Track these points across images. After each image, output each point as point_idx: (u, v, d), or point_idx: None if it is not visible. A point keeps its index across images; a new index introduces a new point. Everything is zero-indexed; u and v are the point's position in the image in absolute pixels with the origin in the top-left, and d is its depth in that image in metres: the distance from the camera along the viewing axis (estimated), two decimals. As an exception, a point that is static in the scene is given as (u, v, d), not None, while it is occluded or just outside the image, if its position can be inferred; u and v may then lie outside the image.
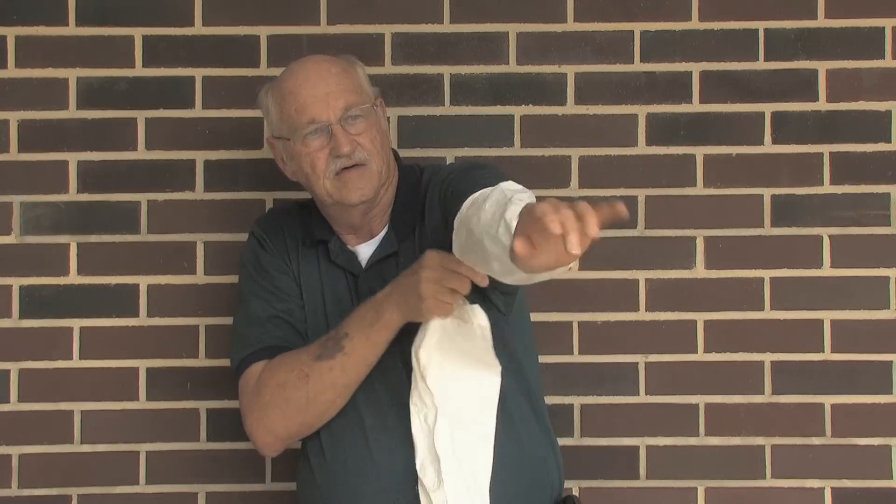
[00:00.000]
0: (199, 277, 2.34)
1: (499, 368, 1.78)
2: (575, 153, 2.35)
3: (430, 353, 1.76)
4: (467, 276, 1.71)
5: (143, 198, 2.34)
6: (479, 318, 1.75)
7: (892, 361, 2.33)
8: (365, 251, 1.96)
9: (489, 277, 1.69)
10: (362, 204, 1.89)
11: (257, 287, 1.98)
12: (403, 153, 2.10)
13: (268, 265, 1.99)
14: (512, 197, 1.55)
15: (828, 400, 2.33)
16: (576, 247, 1.29)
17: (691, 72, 2.36)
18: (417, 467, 1.77)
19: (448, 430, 1.77)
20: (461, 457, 1.77)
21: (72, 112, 2.35)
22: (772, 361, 2.33)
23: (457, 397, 1.78)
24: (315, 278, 1.97)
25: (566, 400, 2.33)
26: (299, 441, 2.06)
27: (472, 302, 1.76)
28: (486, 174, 1.83)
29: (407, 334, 1.81)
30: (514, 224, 1.45)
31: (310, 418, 1.86)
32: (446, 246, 1.76)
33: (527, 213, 1.40)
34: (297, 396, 1.84)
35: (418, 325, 1.78)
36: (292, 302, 1.96)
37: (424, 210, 1.93)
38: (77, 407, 2.33)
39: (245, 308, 1.98)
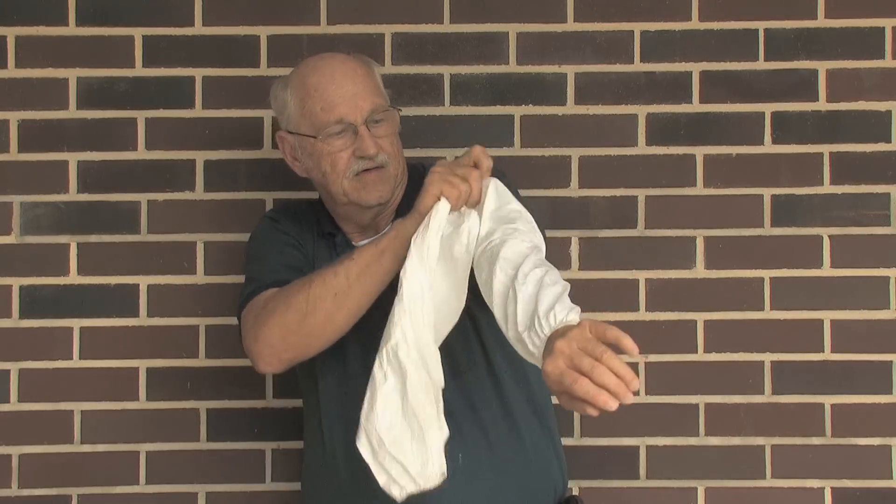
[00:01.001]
0: (199, 277, 2.34)
1: (464, 298, 1.73)
2: (575, 153, 2.36)
3: (426, 240, 1.71)
4: (475, 171, 1.75)
5: (143, 198, 2.34)
6: (470, 219, 1.73)
7: (892, 361, 2.33)
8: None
9: None
10: (378, 206, 1.90)
11: (272, 248, 1.96)
12: (404, 153, 2.10)
13: (284, 235, 1.97)
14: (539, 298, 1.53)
15: (828, 400, 2.33)
16: (612, 405, 1.34)
17: (691, 72, 2.36)
18: (389, 348, 1.68)
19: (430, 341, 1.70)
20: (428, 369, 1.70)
21: (72, 112, 2.35)
22: (772, 361, 2.34)
23: (438, 307, 1.72)
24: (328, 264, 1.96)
25: (566, 400, 2.32)
26: (301, 441, 2.06)
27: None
28: None
29: None
30: (543, 345, 1.47)
31: (306, 329, 1.79)
32: None
33: (551, 378, 1.41)
34: (297, 303, 1.78)
35: None
36: (304, 264, 1.94)
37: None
38: (77, 407, 2.33)
39: (258, 264, 1.95)
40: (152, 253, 2.34)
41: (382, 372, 1.67)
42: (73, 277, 2.33)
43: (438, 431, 1.67)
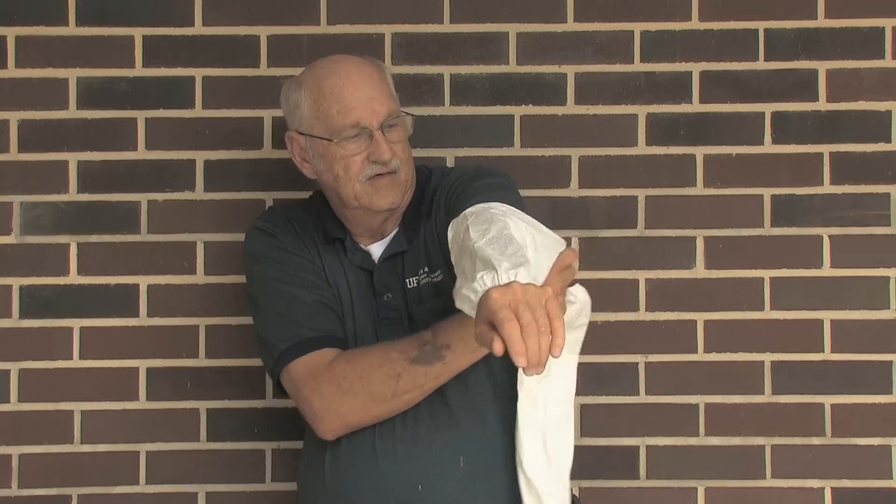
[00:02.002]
0: (199, 277, 2.34)
1: (579, 342, 1.74)
2: (575, 153, 2.35)
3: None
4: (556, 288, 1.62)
5: (143, 198, 2.34)
6: (579, 296, 1.72)
7: (892, 361, 2.33)
8: (376, 250, 1.95)
9: None
10: (389, 211, 1.89)
11: (287, 273, 1.92)
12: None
13: (292, 255, 1.94)
14: (478, 256, 1.51)
15: (828, 400, 2.33)
16: (521, 362, 1.34)
17: (691, 72, 2.36)
18: (528, 467, 1.75)
19: (550, 429, 1.76)
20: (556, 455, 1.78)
21: (72, 112, 2.35)
22: (772, 361, 2.34)
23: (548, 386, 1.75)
24: (340, 273, 1.94)
25: (566, 400, 2.32)
26: (301, 441, 2.06)
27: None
28: (486, 186, 1.82)
29: None
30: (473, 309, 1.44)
31: (386, 413, 1.82)
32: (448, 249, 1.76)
33: (491, 304, 1.38)
34: (383, 392, 1.79)
35: None
36: (328, 291, 1.92)
37: (431, 211, 1.93)
38: (77, 407, 2.33)
39: (278, 295, 1.92)
40: (152, 253, 2.34)
41: None
42: (73, 277, 2.33)
43: None
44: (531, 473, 1.75)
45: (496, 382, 1.91)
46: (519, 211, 1.71)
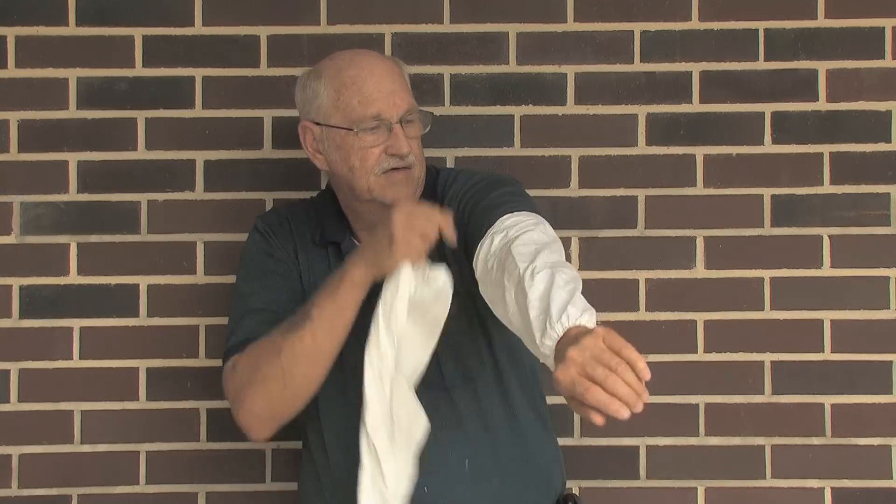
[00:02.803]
0: (199, 277, 2.34)
1: (438, 328, 1.71)
2: (575, 153, 2.36)
3: (393, 307, 1.67)
4: (436, 222, 1.68)
5: (143, 198, 2.34)
6: (439, 280, 1.68)
7: (892, 361, 2.34)
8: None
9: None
10: None
11: (254, 279, 1.94)
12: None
13: (269, 259, 1.95)
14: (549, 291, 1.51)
15: (828, 400, 2.33)
16: (624, 413, 1.36)
17: (691, 72, 2.36)
18: (369, 427, 1.68)
19: (404, 394, 1.70)
20: (407, 425, 1.71)
21: (72, 112, 2.35)
22: (772, 361, 2.34)
23: (409, 362, 1.71)
24: (325, 277, 1.94)
25: (566, 400, 2.32)
26: (300, 441, 2.06)
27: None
28: (504, 199, 1.81)
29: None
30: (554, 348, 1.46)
31: (289, 394, 1.79)
32: (458, 256, 1.78)
33: (563, 386, 1.40)
34: (273, 373, 1.77)
35: None
36: (286, 297, 1.91)
37: None
38: (77, 407, 2.33)
39: (239, 299, 1.94)
40: (152, 253, 2.34)
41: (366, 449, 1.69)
42: (73, 277, 2.33)
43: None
44: (373, 435, 1.69)
45: (502, 385, 1.91)
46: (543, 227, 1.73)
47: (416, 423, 1.70)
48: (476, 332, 1.88)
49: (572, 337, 1.43)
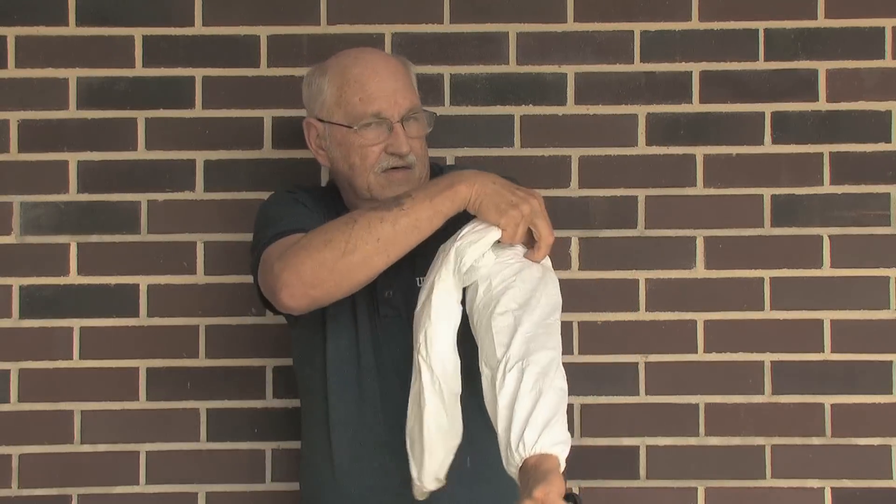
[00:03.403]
0: (199, 277, 2.34)
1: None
2: (575, 153, 2.35)
3: (464, 258, 1.70)
4: (548, 237, 1.73)
5: (143, 198, 2.34)
6: (514, 263, 1.71)
7: (892, 361, 2.33)
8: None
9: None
10: None
11: (283, 207, 1.91)
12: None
13: (297, 203, 1.92)
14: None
15: (828, 400, 2.33)
16: None
17: (691, 72, 2.36)
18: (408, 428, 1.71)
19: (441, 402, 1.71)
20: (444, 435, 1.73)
21: (72, 112, 2.35)
22: (772, 361, 2.33)
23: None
24: None
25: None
26: (301, 441, 2.06)
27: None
28: None
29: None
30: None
31: (342, 268, 1.71)
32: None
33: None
34: (337, 238, 1.71)
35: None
36: (317, 225, 1.85)
37: None
38: (77, 407, 2.33)
39: (265, 226, 1.88)
40: (152, 253, 2.34)
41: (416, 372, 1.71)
42: (73, 277, 2.33)
43: (443, 441, 1.69)
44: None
45: None
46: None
47: (452, 381, 1.72)
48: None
49: (540, 471, 1.50)
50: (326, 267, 1.71)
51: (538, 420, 1.53)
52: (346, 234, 1.70)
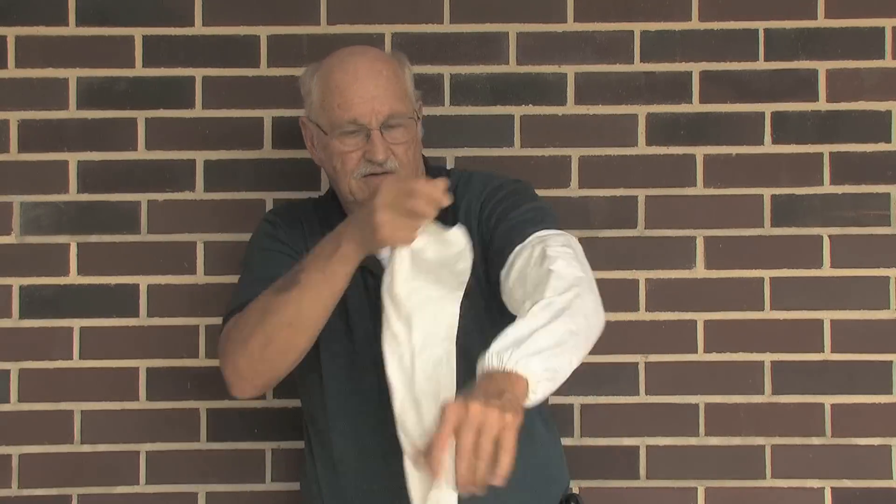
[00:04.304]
0: (199, 277, 2.34)
1: (463, 283, 1.64)
2: (575, 153, 2.36)
3: (399, 287, 1.62)
4: (427, 195, 1.59)
5: (143, 198, 2.34)
6: (459, 242, 1.63)
7: (892, 361, 2.34)
8: (386, 250, 1.92)
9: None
10: None
11: (259, 253, 1.93)
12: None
13: (275, 241, 1.94)
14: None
15: (828, 400, 2.33)
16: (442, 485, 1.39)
17: (691, 72, 2.36)
18: (397, 409, 1.62)
19: (427, 370, 1.63)
20: (433, 399, 1.63)
21: (72, 112, 2.35)
22: (772, 361, 2.34)
23: (441, 323, 1.63)
24: None
25: (566, 400, 2.33)
26: (303, 441, 2.06)
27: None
28: (536, 214, 1.82)
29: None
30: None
31: (270, 356, 1.75)
32: (477, 262, 1.74)
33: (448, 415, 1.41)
34: (255, 332, 1.74)
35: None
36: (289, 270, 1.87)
37: (458, 218, 1.88)
38: (77, 407, 2.33)
39: (244, 272, 1.94)
40: (152, 253, 2.34)
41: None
42: (73, 277, 2.33)
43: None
44: (401, 419, 1.63)
45: None
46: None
47: (442, 395, 1.63)
48: (489, 337, 1.88)
49: (494, 386, 1.44)
50: (255, 359, 1.75)
51: (531, 345, 1.49)
52: (262, 325, 1.74)
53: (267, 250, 1.92)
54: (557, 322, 1.55)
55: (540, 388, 1.49)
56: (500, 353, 1.48)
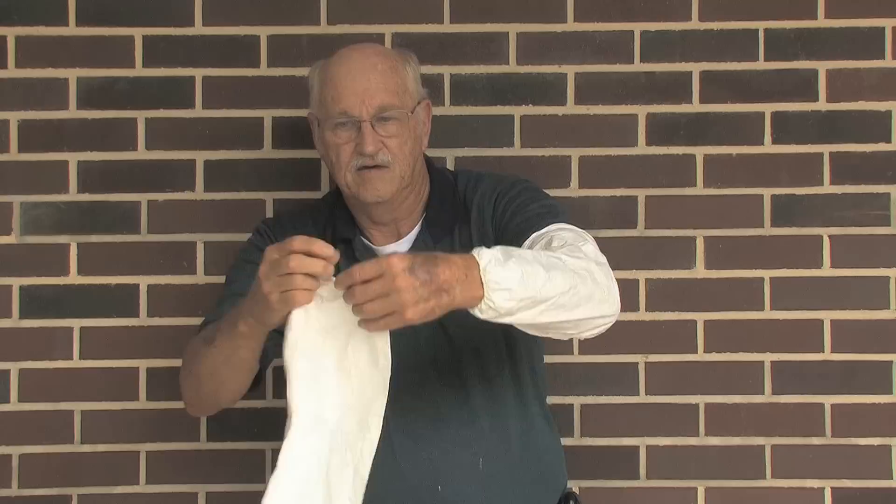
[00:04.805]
0: (199, 277, 2.34)
1: (387, 362, 1.58)
2: (575, 153, 2.36)
3: (295, 354, 1.55)
4: (307, 252, 1.51)
5: (143, 198, 2.34)
6: (338, 294, 1.53)
7: (892, 361, 2.34)
8: (391, 251, 1.91)
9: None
10: (378, 204, 1.88)
11: (239, 268, 1.94)
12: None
13: (258, 253, 1.90)
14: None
15: (828, 400, 2.33)
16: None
17: (691, 72, 2.36)
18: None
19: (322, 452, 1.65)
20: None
21: (72, 112, 2.35)
22: (772, 361, 2.34)
23: (336, 404, 1.62)
24: (338, 274, 1.91)
25: (566, 400, 2.33)
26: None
27: None
28: (551, 210, 1.85)
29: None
30: None
31: (205, 394, 1.81)
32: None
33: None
34: (193, 371, 1.79)
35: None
36: None
37: (470, 217, 1.90)
38: (77, 407, 2.33)
39: (224, 286, 1.96)
40: (152, 253, 2.34)
41: None
42: (73, 277, 2.33)
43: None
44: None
45: (518, 386, 1.92)
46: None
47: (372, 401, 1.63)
48: (497, 336, 1.88)
49: (450, 262, 1.49)
50: (195, 393, 1.84)
51: (513, 267, 1.52)
52: (193, 368, 1.80)
53: (248, 263, 1.90)
54: (558, 270, 1.59)
55: (496, 297, 1.51)
56: (480, 251, 1.52)
